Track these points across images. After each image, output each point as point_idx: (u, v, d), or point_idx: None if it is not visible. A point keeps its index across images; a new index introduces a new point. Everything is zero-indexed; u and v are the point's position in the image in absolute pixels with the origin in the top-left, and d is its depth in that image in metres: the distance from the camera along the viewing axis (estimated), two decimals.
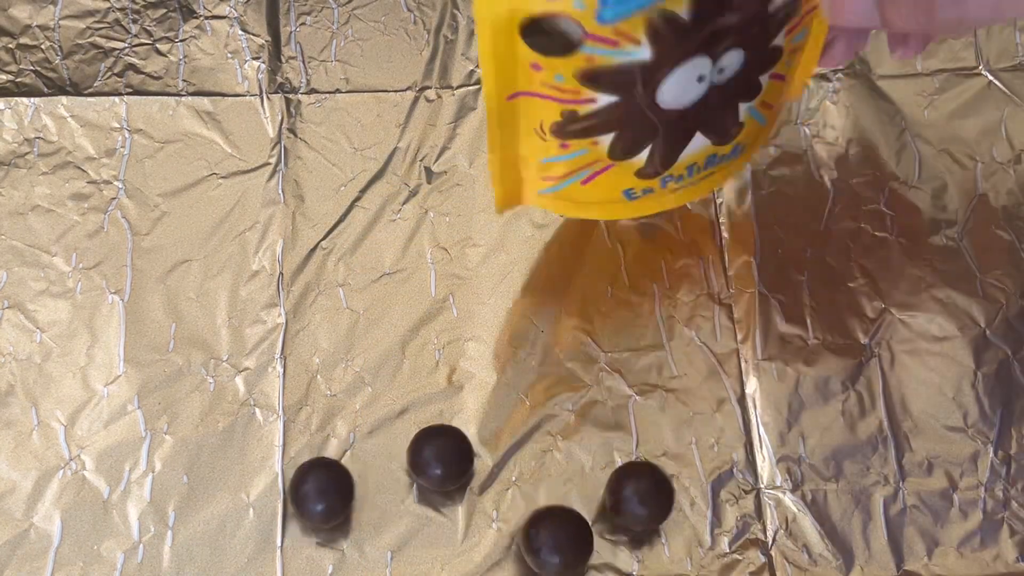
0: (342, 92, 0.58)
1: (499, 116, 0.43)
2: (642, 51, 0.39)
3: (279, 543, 0.48)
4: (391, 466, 0.49)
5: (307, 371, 0.52)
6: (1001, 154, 0.58)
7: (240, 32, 0.60)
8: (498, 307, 0.54)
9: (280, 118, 0.57)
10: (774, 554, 0.49)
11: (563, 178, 0.47)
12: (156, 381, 0.51)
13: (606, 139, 0.44)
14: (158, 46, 0.59)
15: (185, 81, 0.58)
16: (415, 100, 0.58)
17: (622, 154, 0.45)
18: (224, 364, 0.52)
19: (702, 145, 0.46)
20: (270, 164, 0.56)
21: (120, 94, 0.58)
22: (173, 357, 0.52)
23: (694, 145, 0.45)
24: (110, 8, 0.60)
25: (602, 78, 0.40)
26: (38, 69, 0.58)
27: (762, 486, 0.50)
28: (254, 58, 0.59)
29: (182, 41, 0.59)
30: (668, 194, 0.49)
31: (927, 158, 0.58)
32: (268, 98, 0.58)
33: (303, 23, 0.60)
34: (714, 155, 0.47)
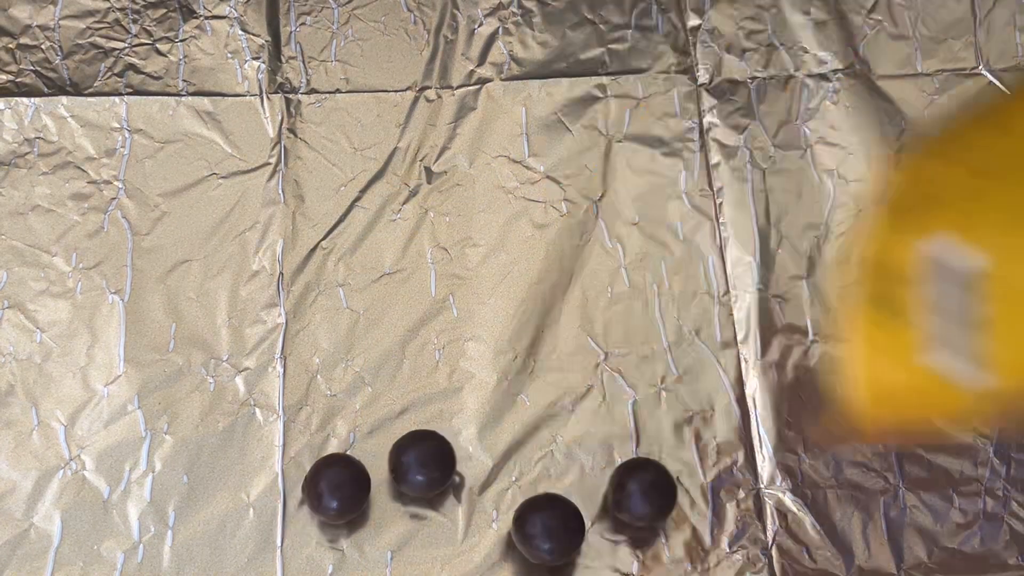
0: (342, 92, 0.58)
1: None
2: None
3: (279, 543, 0.48)
4: None
5: (307, 371, 0.52)
6: None
7: (240, 32, 0.60)
8: (498, 307, 0.53)
9: (280, 118, 0.57)
10: (774, 554, 0.49)
11: None
12: (156, 381, 0.51)
13: None
14: (158, 46, 0.59)
15: (185, 81, 0.58)
16: (415, 100, 0.58)
17: None
18: (224, 364, 0.52)
19: None
20: (270, 164, 0.56)
21: (120, 94, 0.58)
22: (173, 357, 0.52)
23: None
24: (110, 8, 0.60)
25: None
26: (38, 69, 0.58)
27: (762, 486, 0.50)
28: (254, 58, 0.59)
29: (182, 41, 0.59)
30: None
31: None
32: (268, 98, 0.58)
33: (303, 23, 0.60)
34: None
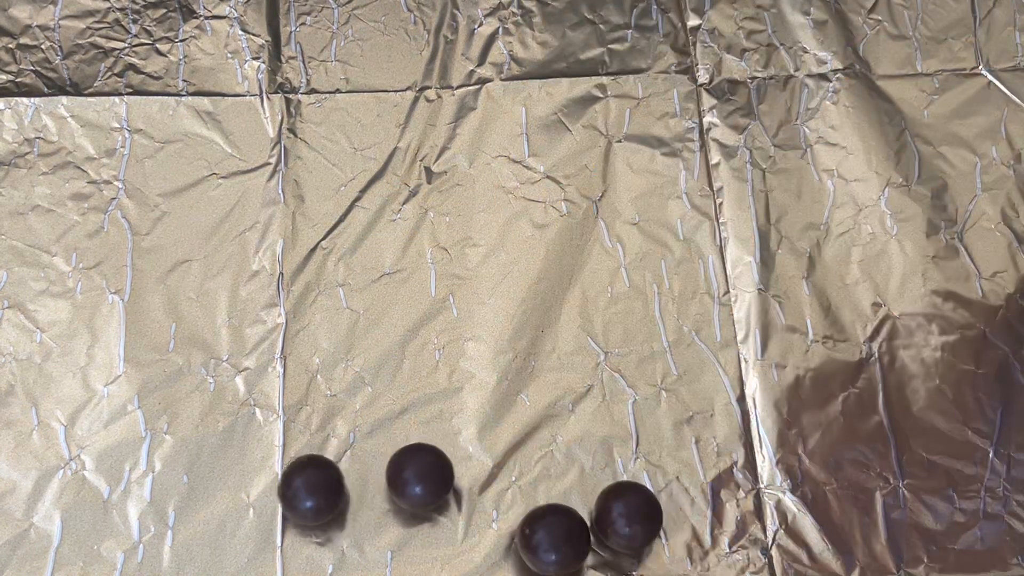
0: (342, 92, 0.58)
1: None
2: None
3: (279, 543, 0.48)
4: None
5: (307, 371, 0.52)
6: (1001, 154, 0.58)
7: (240, 32, 0.60)
8: (498, 307, 0.53)
9: (280, 118, 0.57)
10: (774, 554, 0.49)
11: None
12: (156, 381, 0.51)
13: None
14: (158, 46, 0.59)
15: (185, 81, 0.58)
16: (415, 100, 0.58)
17: None
18: (224, 364, 0.52)
19: None
20: (270, 164, 0.56)
21: (120, 94, 0.58)
22: (173, 357, 0.52)
23: None
24: (110, 8, 0.60)
25: None
26: (38, 69, 0.58)
27: (762, 486, 0.50)
28: (254, 58, 0.59)
29: (182, 41, 0.59)
30: None
31: (927, 158, 0.58)
32: (268, 98, 0.58)
33: (303, 23, 0.60)
34: None
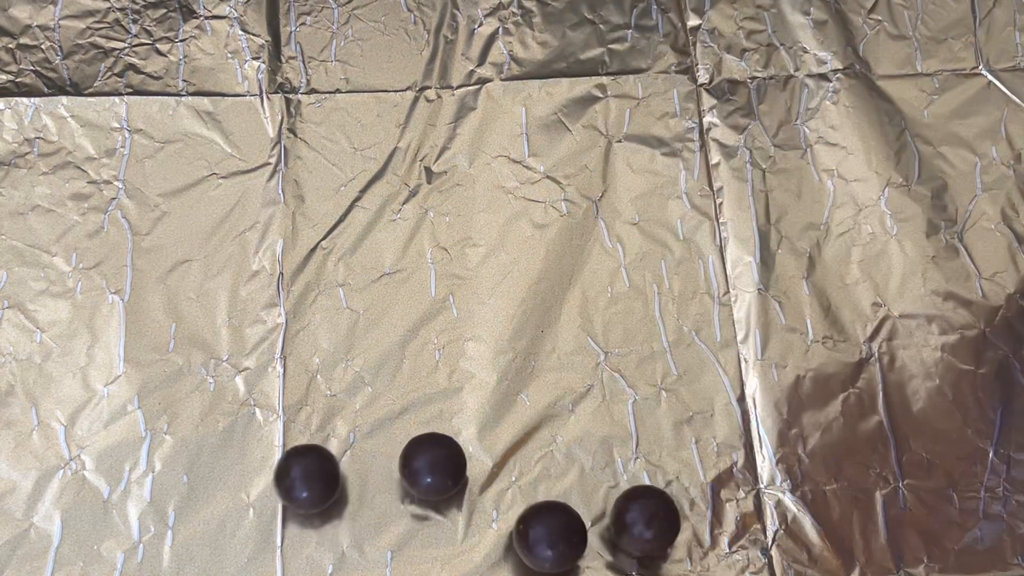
0: (342, 92, 0.58)
1: None
2: None
3: (279, 543, 0.48)
4: (391, 466, 0.49)
5: (307, 371, 0.52)
6: (1001, 154, 0.58)
7: (240, 32, 0.60)
8: (498, 307, 0.53)
9: (280, 118, 0.57)
10: (774, 554, 0.49)
11: None
12: (156, 381, 0.51)
13: None
14: (158, 46, 0.59)
15: (185, 81, 0.58)
16: (415, 100, 0.58)
17: None
18: (224, 364, 0.52)
19: None
20: (270, 164, 0.56)
21: (120, 94, 0.58)
22: (173, 357, 0.52)
23: None
24: (110, 8, 0.60)
25: None
26: (38, 69, 0.58)
27: (762, 486, 0.50)
28: (254, 58, 0.59)
29: (182, 41, 0.59)
30: None
31: (927, 158, 0.58)
32: (268, 98, 0.58)
33: (303, 23, 0.60)
34: None
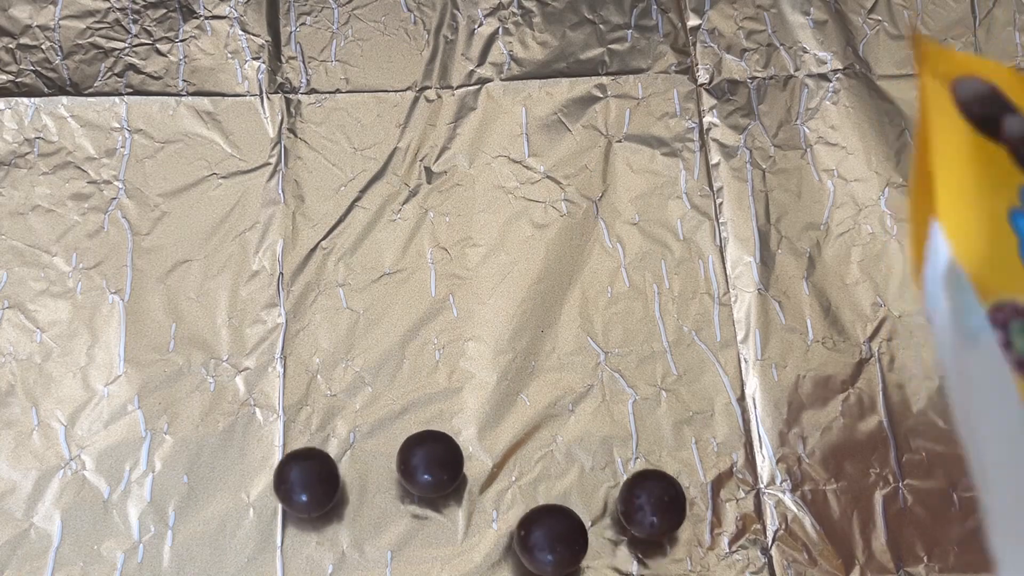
0: (342, 92, 0.58)
1: None
2: None
3: (279, 543, 0.48)
4: (391, 466, 0.49)
5: (307, 371, 0.52)
6: None
7: (240, 32, 0.60)
8: (498, 307, 0.53)
9: (280, 118, 0.57)
10: (774, 554, 0.49)
11: None
12: (156, 381, 0.51)
13: None
14: (158, 46, 0.59)
15: (185, 81, 0.58)
16: (415, 100, 0.58)
17: None
18: (224, 364, 0.52)
19: None
20: (270, 164, 0.56)
21: (120, 94, 0.58)
22: (173, 357, 0.52)
23: None
24: (110, 8, 0.60)
25: None
26: (38, 69, 0.58)
27: (762, 486, 0.50)
28: (254, 58, 0.59)
29: (182, 41, 0.59)
30: None
31: None
32: (268, 98, 0.58)
33: (303, 23, 0.60)
34: None
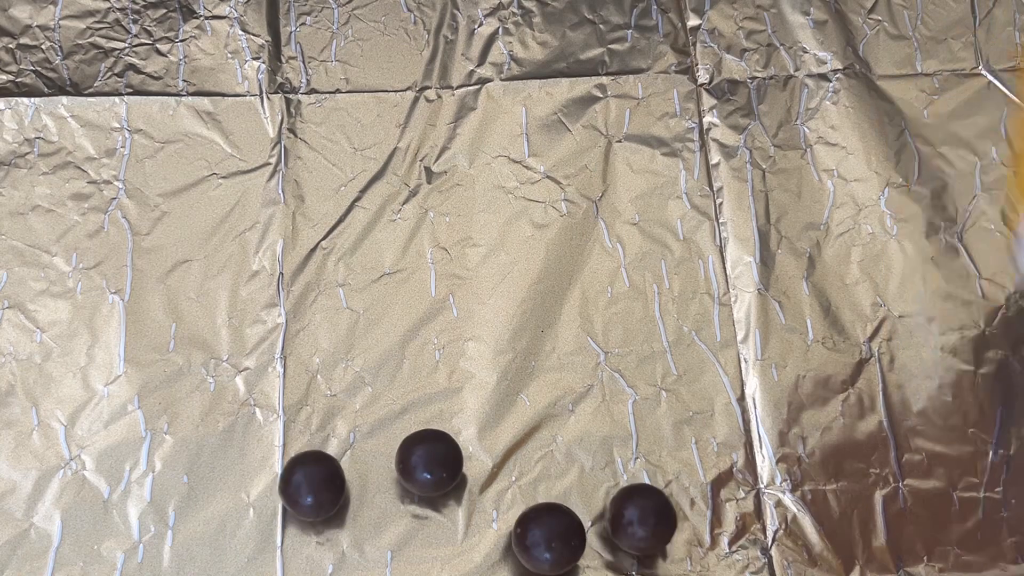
0: (342, 92, 0.58)
1: None
2: None
3: (279, 543, 0.48)
4: (391, 466, 0.49)
5: (307, 371, 0.52)
6: (1001, 154, 0.58)
7: (240, 32, 0.60)
8: (498, 307, 0.53)
9: (280, 118, 0.57)
10: (774, 554, 0.49)
11: None
12: (156, 381, 0.51)
13: None
14: (158, 46, 0.59)
15: (185, 81, 0.58)
16: (415, 100, 0.58)
17: None
18: (224, 364, 0.52)
19: None
20: (270, 164, 0.56)
21: (120, 94, 0.58)
22: (173, 357, 0.52)
23: None
24: (110, 8, 0.60)
25: None
26: (38, 69, 0.58)
27: (762, 486, 0.50)
28: (254, 58, 0.59)
29: (182, 41, 0.59)
30: None
31: (927, 158, 0.58)
32: (268, 98, 0.58)
33: (303, 23, 0.60)
34: None
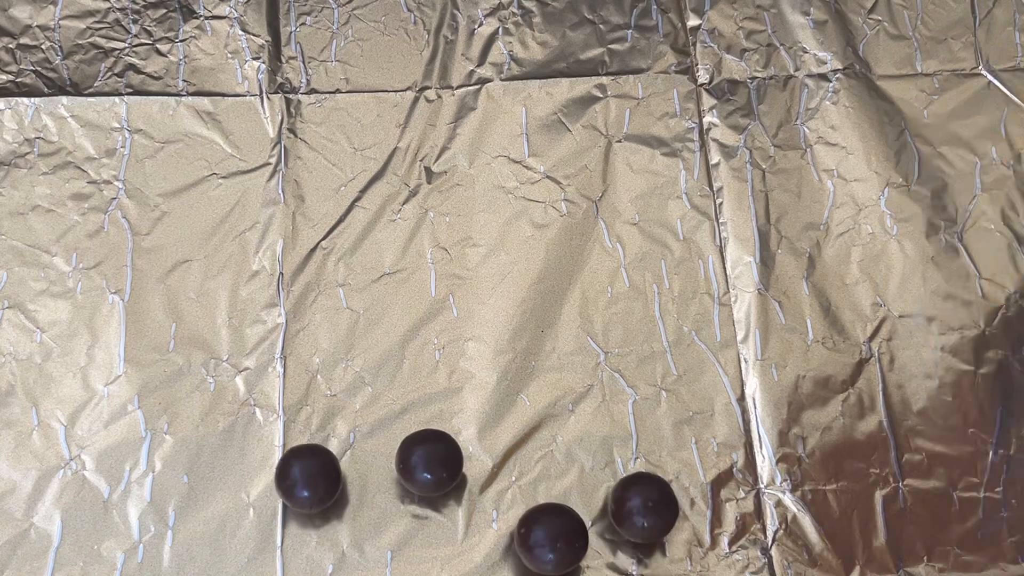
0: (342, 92, 0.58)
1: None
2: None
3: (279, 543, 0.48)
4: (391, 466, 0.49)
5: (307, 371, 0.52)
6: (1001, 154, 0.58)
7: (240, 32, 0.60)
8: (498, 307, 0.53)
9: (280, 118, 0.58)
10: (774, 554, 0.49)
11: None
12: (156, 381, 0.51)
13: None
14: (158, 46, 0.59)
15: (185, 81, 0.58)
16: (415, 100, 0.58)
17: None
18: (224, 364, 0.52)
19: None
20: (270, 164, 0.56)
21: (120, 94, 0.58)
22: (173, 357, 0.52)
23: None
24: (110, 8, 0.60)
25: None
26: (38, 69, 0.58)
27: (762, 486, 0.50)
28: (254, 58, 0.59)
29: (182, 41, 0.59)
30: None
31: (927, 158, 0.58)
32: (268, 98, 0.58)
33: (303, 23, 0.60)
34: None
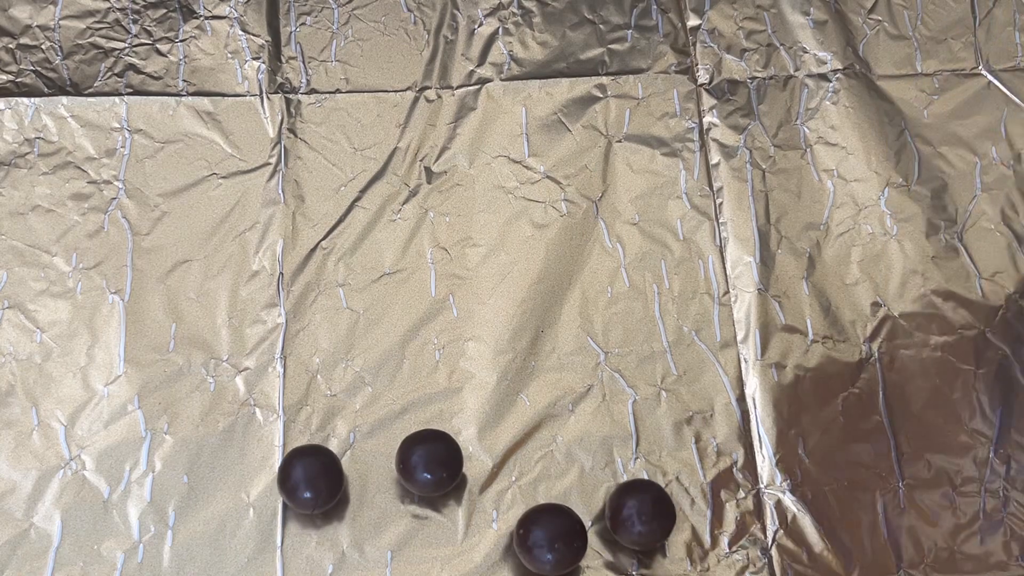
0: (342, 92, 0.58)
1: None
2: None
3: (279, 543, 0.48)
4: (391, 466, 0.49)
5: (307, 371, 0.52)
6: (1001, 154, 0.58)
7: (240, 32, 0.60)
8: (498, 307, 0.53)
9: (280, 118, 0.58)
10: (774, 554, 0.49)
11: None
12: (156, 381, 0.51)
13: None
14: (158, 46, 0.59)
15: (185, 81, 0.58)
16: (415, 100, 0.58)
17: None
18: (224, 364, 0.52)
19: None
20: (270, 164, 0.56)
21: (120, 94, 0.58)
22: (173, 357, 0.52)
23: None
24: (110, 8, 0.60)
25: None
26: (38, 69, 0.58)
27: (762, 486, 0.50)
28: (254, 58, 0.59)
29: (182, 41, 0.59)
30: None
31: (927, 158, 0.58)
32: (268, 98, 0.58)
33: (303, 23, 0.60)
34: None
